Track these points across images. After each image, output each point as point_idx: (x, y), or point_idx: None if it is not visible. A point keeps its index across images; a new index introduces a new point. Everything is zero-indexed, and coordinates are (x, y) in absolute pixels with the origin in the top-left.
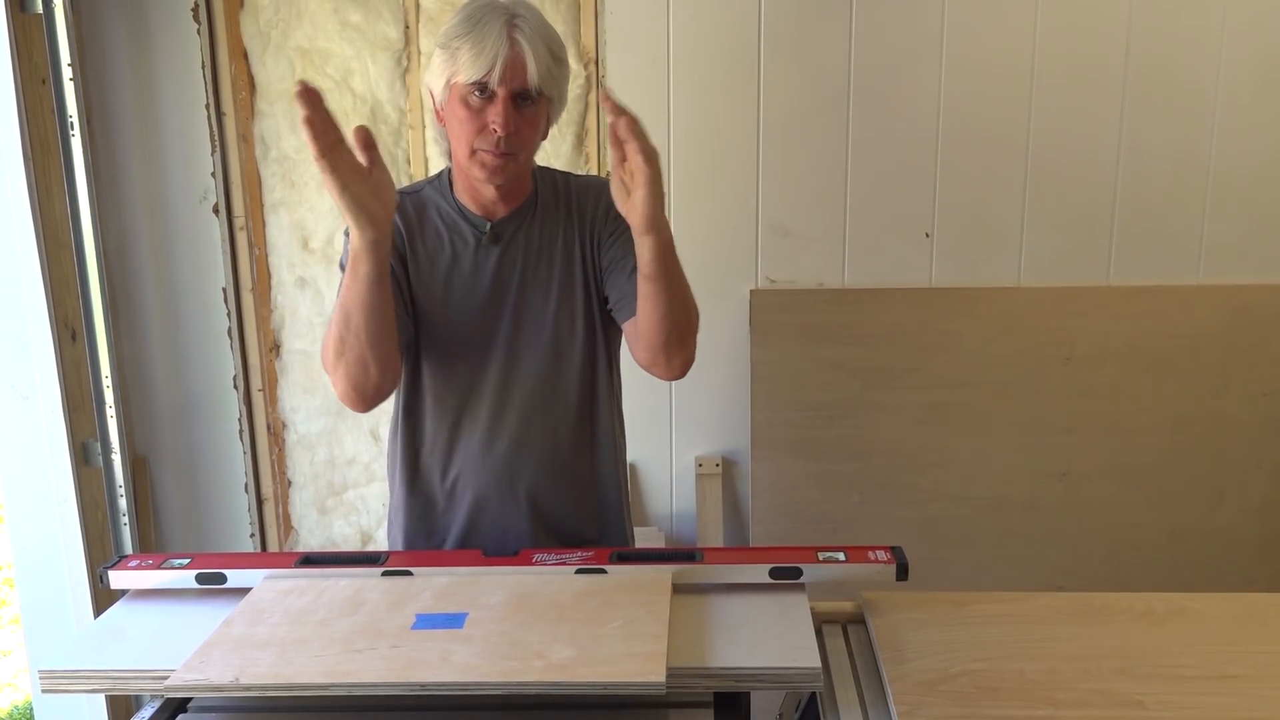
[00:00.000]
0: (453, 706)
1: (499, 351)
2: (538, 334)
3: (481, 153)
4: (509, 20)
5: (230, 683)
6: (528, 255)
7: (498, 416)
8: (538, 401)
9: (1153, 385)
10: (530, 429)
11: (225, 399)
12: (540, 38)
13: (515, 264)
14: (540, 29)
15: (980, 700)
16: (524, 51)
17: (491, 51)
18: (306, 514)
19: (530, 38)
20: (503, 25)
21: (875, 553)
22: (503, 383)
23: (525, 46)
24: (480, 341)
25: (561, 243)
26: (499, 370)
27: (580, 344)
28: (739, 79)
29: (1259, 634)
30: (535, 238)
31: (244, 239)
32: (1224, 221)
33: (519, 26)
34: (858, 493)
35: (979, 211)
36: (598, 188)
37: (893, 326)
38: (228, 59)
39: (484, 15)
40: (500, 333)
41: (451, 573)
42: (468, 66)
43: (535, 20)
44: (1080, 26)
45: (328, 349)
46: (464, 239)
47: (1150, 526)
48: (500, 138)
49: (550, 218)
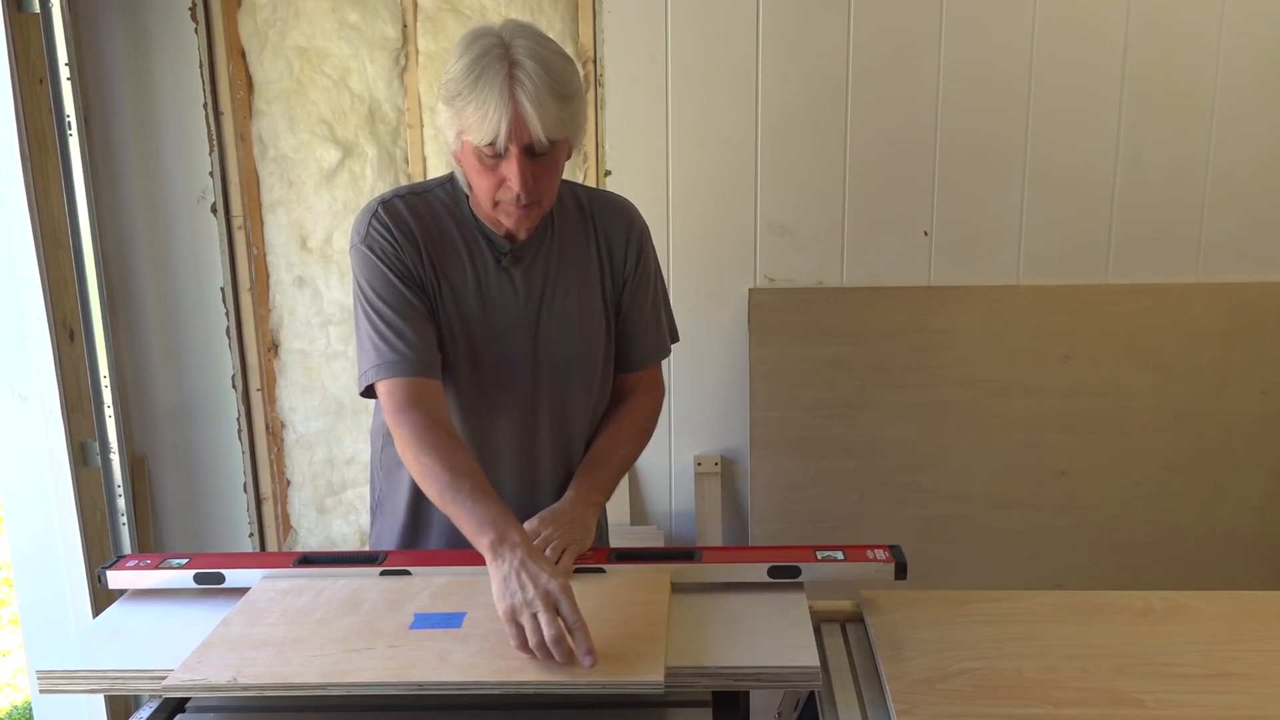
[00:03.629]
0: (451, 706)
1: (523, 374)
2: (560, 357)
3: (505, 204)
4: (509, 73)
5: (228, 682)
6: (548, 277)
7: (521, 442)
8: (559, 424)
9: (1151, 383)
10: (554, 449)
11: (224, 399)
12: (545, 85)
13: (536, 287)
14: (544, 74)
15: (979, 699)
16: (527, 111)
17: (496, 115)
18: (305, 513)
19: (533, 92)
20: (503, 81)
21: (873, 552)
22: (530, 405)
23: (528, 105)
24: (505, 363)
25: (579, 265)
26: (523, 391)
27: (599, 368)
28: (737, 78)
29: (1258, 632)
30: (555, 258)
31: (242, 238)
32: (1222, 219)
33: (519, 81)
34: (857, 491)
35: (977, 210)
36: (627, 219)
37: (891, 325)
38: (225, 58)
39: (484, 67)
40: (523, 356)
41: (450, 572)
42: (474, 129)
43: (537, 63)
44: (1078, 24)
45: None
46: (484, 258)
47: (1149, 524)
48: (519, 194)
49: (570, 237)
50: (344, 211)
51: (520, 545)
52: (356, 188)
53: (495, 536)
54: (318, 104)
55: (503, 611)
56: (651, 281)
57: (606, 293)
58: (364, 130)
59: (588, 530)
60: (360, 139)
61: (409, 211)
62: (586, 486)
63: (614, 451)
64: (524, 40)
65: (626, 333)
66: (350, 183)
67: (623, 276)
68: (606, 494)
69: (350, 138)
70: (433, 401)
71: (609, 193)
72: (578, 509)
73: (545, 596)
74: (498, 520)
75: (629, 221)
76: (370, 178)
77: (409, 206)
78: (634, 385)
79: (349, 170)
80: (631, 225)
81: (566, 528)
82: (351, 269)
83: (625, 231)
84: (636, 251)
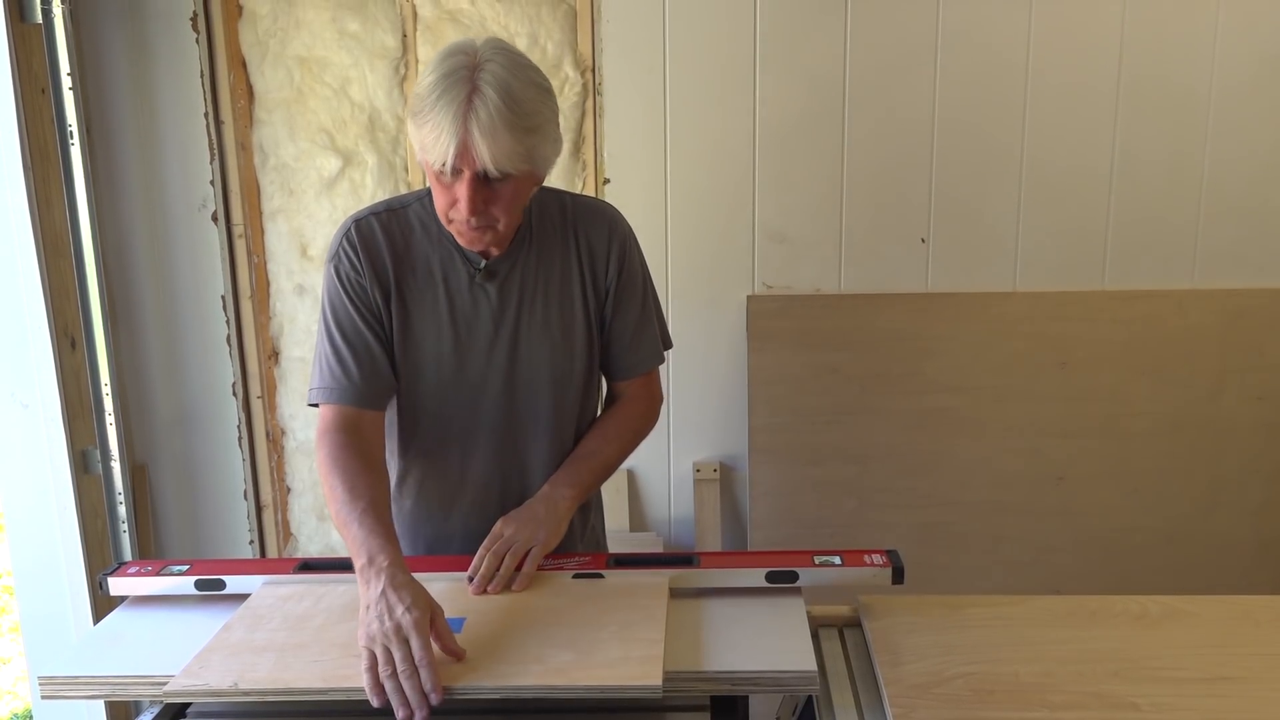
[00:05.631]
0: (450, 710)
1: (502, 388)
2: (537, 372)
3: (457, 223)
4: (468, 98)
5: (229, 688)
6: (524, 290)
7: (505, 457)
8: (543, 438)
9: (1148, 389)
10: (541, 463)
11: (224, 406)
12: (501, 117)
13: (511, 300)
14: (503, 105)
15: (975, 703)
16: (476, 141)
17: (446, 140)
18: (305, 520)
19: (487, 122)
20: (459, 107)
21: (871, 556)
22: (511, 420)
23: (478, 135)
24: (483, 378)
25: (560, 276)
26: (503, 406)
27: (581, 379)
28: (735, 86)
29: (1254, 637)
30: (532, 270)
31: (243, 247)
32: (1218, 225)
33: (475, 108)
34: (855, 497)
35: (974, 217)
36: (607, 225)
37: (889, 332)
38: (226, 68)
39: (445, 88)
40: (501, 370)
41: (449, 578)
42: (429, 148)
43: (501, 92)
44: (1074, 32)
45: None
46: (457, 273)
47: (1146, 530)
48: (467, 217)
49: (549, 247)
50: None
51: (385, 571)
52: (357, 196)
53: (365, 560)
54: (318, 113)
55: (359, 637)
56: (639, 288)
57: (589, 302)
58: (364, 139)
59: (555, 527)
60: (360, 148)
61: (381, 231)
62: (560, 481)
63: (596, 450)
64: (495, 66)
65: (613, 341)
66: (350, 191)
67: (605, 284)
68: (582, 489)
69: (350, 146)
70: (361, 430)
71: (592, 199)
72: (544, 505)
73: (396, 630)
74: (371, 544)
75: (610, 228)
76: (370, 186)
77: (382, 225)
78: (627, 391)
79: (349, 179)
80: (613, 231)
81: (529, 527)
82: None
83: (607, 238)
84: (620, 258)
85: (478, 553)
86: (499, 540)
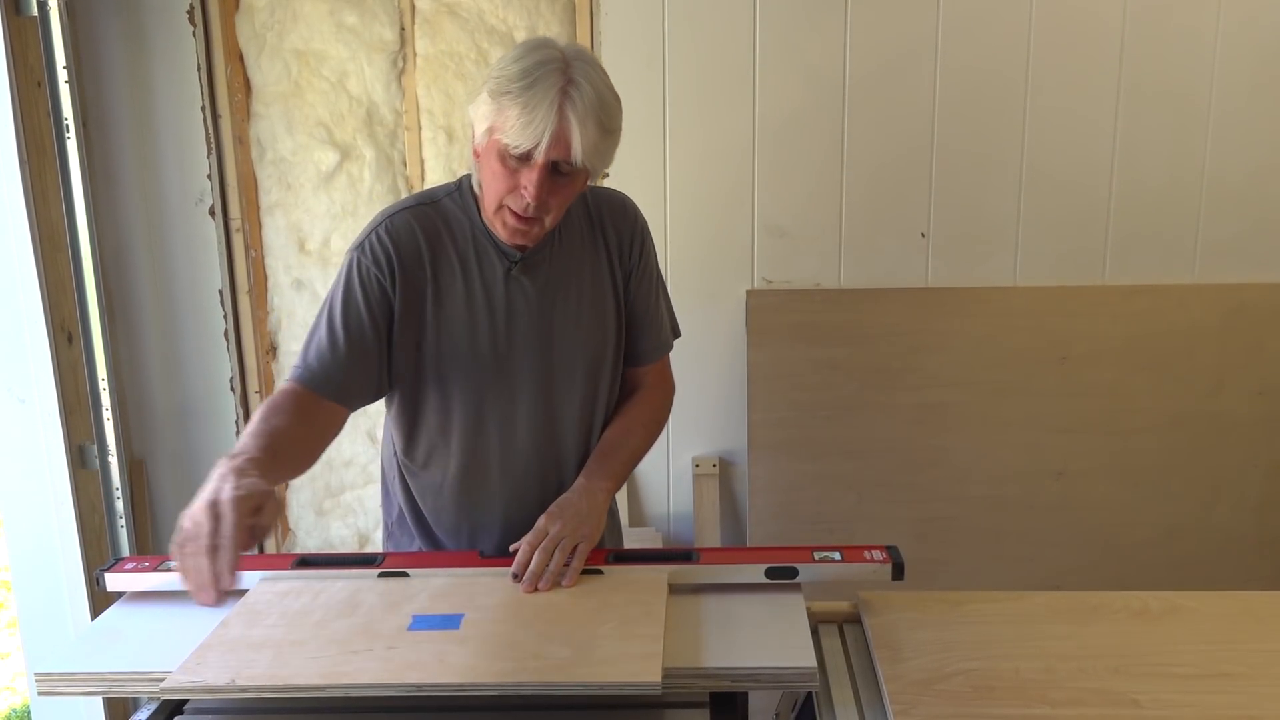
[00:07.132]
0: (449, 708)
1: (540, 378)
2: (573, 361)
3: (508, 210)
4: (563, 88)
5: (227, 684)
6: (558, 282)
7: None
8: (579, 425)
9: (1148, 384)
10: (576, 450)
11: (222, 401)
12: (593, 111)
13: (547, 291)
14: (596, 100)
15: (976, 699)
16: (572, 129)
17: (540, 125)
18: (304, 516)
19: (583, 113)
20: (556, 94)
21: (871, 552)
22: (549, 408)
23: (574, 123)
24: (521, 369)
25: (590, 264)
26: (542, 395)
27: (613, 364)
28: (735, 80)
29: (1254, 632)
30: (562, 261)
31: (240, 241)
32: (1219, 220)
33: (572, 98)
34: (855, 493)
35: (974, 212)
36: (629, 213)
37: (889, 326)
38: (223, 61)
39: (540, 74)
40: (538, 360)
41: (448, 574)
42: (513, 132)
43: (592, 87)
44: (1075, 26)
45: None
46: (491, 266)
47: (1146, 525)
48: (530, 204)
49: (577, 237)
50: (342, 214)
51: (235, 461)
52: (354, 190)
53: (226, 458)
54: (315, 107)
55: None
56: (653, 275)
57: (618, 289)
58: (362, 133)
59: (597, 521)
60: (358, 142)
61: (419, 226)
62: (595, 473)
63: (625, 441)
64: (584, 65)
65: (633, 326)
66: (348, 185)
67: (628, 269)
68: (616, 481)
69: (348, 140)
70: (311, 411)
71: (609, 189)
72: (585, 498)
73: (212, 506)
74: (241, 444)
75: (633, 217)
76: (368, 180)
77: (419, 220)
78: (643, 379)
79: (347, 173)
80: (636, 220)
81: (574, 522)
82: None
83: (630, 226)
84: (640, 245)
85: (522, 549)
86: (545, 536)
